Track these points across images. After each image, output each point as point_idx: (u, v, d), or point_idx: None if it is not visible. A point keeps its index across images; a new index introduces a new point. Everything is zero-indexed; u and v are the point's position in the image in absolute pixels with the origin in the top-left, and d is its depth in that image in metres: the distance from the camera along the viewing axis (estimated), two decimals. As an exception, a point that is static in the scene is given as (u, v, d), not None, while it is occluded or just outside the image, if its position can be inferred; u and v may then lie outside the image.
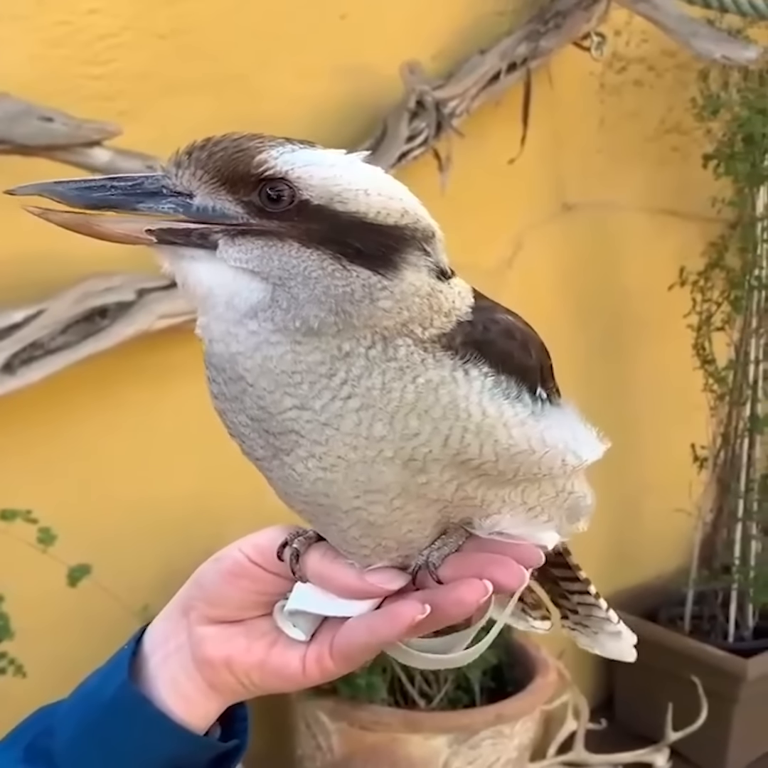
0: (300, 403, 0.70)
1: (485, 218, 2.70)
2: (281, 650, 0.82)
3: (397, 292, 0.70)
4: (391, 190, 0.71)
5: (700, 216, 3.09)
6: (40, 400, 2.06)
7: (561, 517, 0.81)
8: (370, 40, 2.46)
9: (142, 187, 0.70)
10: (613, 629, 0.93)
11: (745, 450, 3.03)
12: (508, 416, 0.72)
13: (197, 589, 0.85)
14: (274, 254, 0.69)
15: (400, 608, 0.75)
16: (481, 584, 0.74)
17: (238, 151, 0.69)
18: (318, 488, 0.73)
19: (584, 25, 2.68)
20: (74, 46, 2.08)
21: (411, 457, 0.71)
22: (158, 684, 0.85)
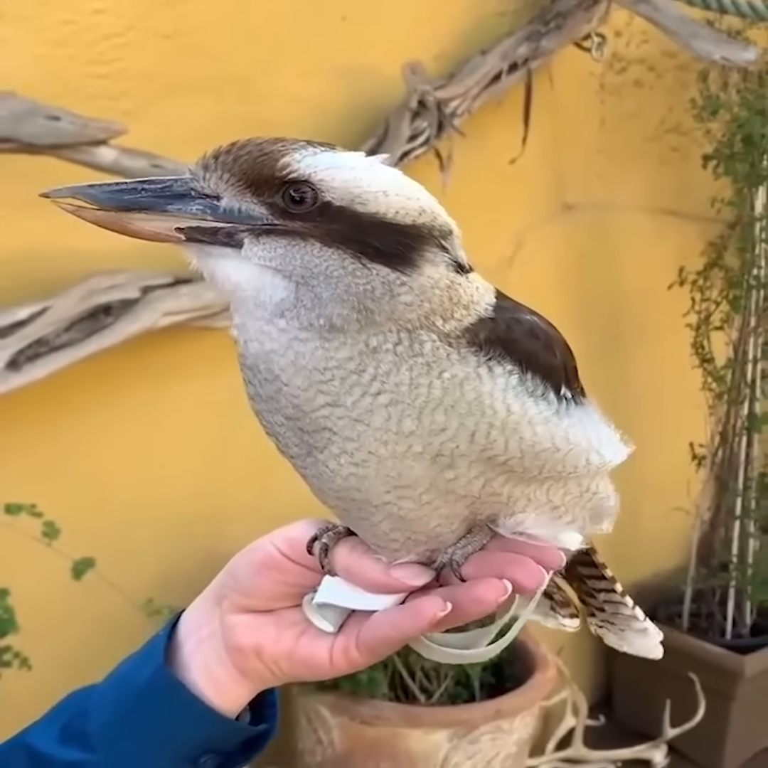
0: (332, 400, 0.72)
1: (486, 217, 2.71)
2: (309, 640, 0.85)
3: (416, 287, 0.72)
4: (408, 191, 0.73)
5: (700, 216, 3.10)
6: (45, 396, 2.07)
7: (585, 518, 0.82)
8: (372, 41, 2.48)
9: (171, 189, 0.73)
10: (639, 626, 0.95)
11: (743, 448, 3.04)
12: (533, 414, 0.74)
13: (230, 579, 0.88)
14: (297, 253, 0.72)
15: (423, 604, 0.78)
16: (501, 584, 0.76)
17: (262, 154, 0.72)
18: (350, 484, 0.75)
19: (585, 25, 2.69)
20: (79, 45, 2.09)
21: (439, 453, 0.73)
22: (191, 669, 0.88)
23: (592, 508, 0.83)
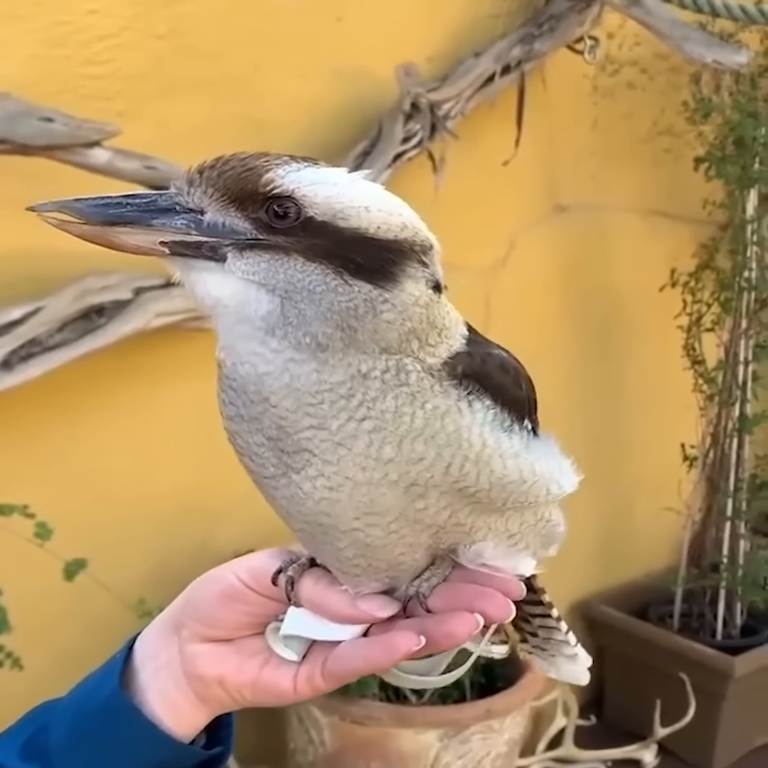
0: (318, 423, 0.73)
1: (479, 219, 2.72)
2: (273, 669, 0.86)
3: (399, 304, 0.73)
4: (390, 206, 0.74)
5: (691, 218, 3.11)
6: (38, 397, 2.07)
7: (536, 544, 0.84)
8: (366, 43, 2.48)
9: (155, 204, 0.73)
10: (570, 652, 0.96)
11: (734, 450, 3.04)
12: (505, 448, 0.76)
13: (190, 608, 0.88)
14: (280, 267, 0.72)
15: (396, 638, 0.78)
16: (473, 618, 0.77)
17: (246, 170, 0.72)
18: (321, 508, 0.75)
19: (578, 28, 2.70)
20: (74, 46, 2.09)
21: (414, 482, 0.74)
22: (148, 693, 0.88)
23: (545, 535, 0.85)
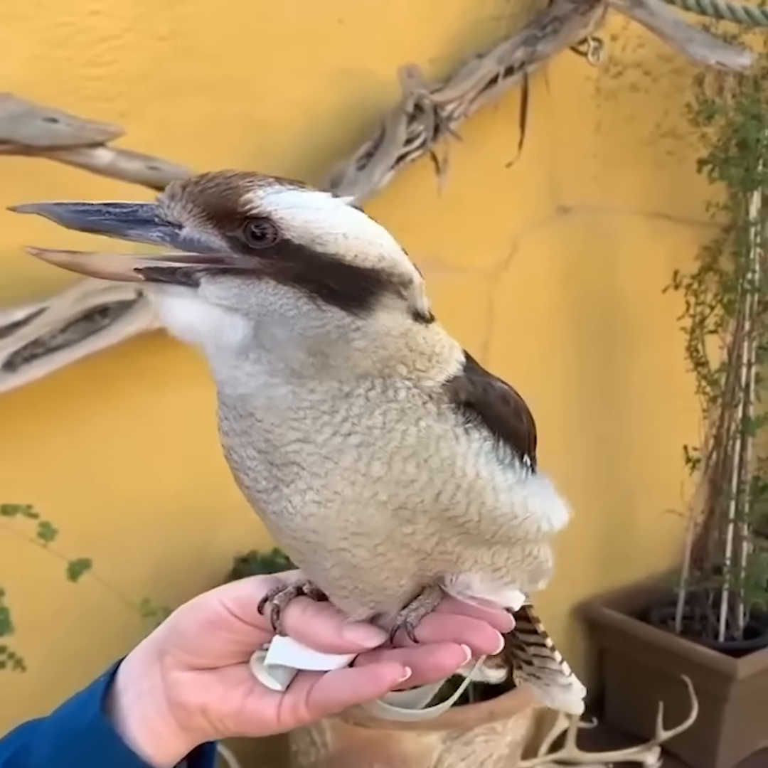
0: (303, 437, 0.73)
1: (482, 220, 2.72)
2: (257, 699, 0.85)
3: (371, 332, 0.72)
4: (370, 236, 0.73)
5: (694, 220, 3.11)
6: (41, 397, 2.07)
7: (524, 579, 0.84)
8: (368, 44, 2.48)
9: (135, 214, 0.73)
10: (564, 681, 0.96)
11: (737, 452, 3.04)
12: (498, 481, 0.76)
13: (175, 635, 0.87)
14: (251, 291, 0.72)
15: (382, 670, 0.78)
16: (460, 649, 0.77)
17: (227, 188, 0.72)
18: (309, 524, 0.75)
19: (581, 30, 2.70)
20: (75, 47, 2.09)
21: (403, 505, 0.73)
22: (130, 720, 0.87)
23: (532, 571, 0.84)
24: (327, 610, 0.82)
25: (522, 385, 0.86)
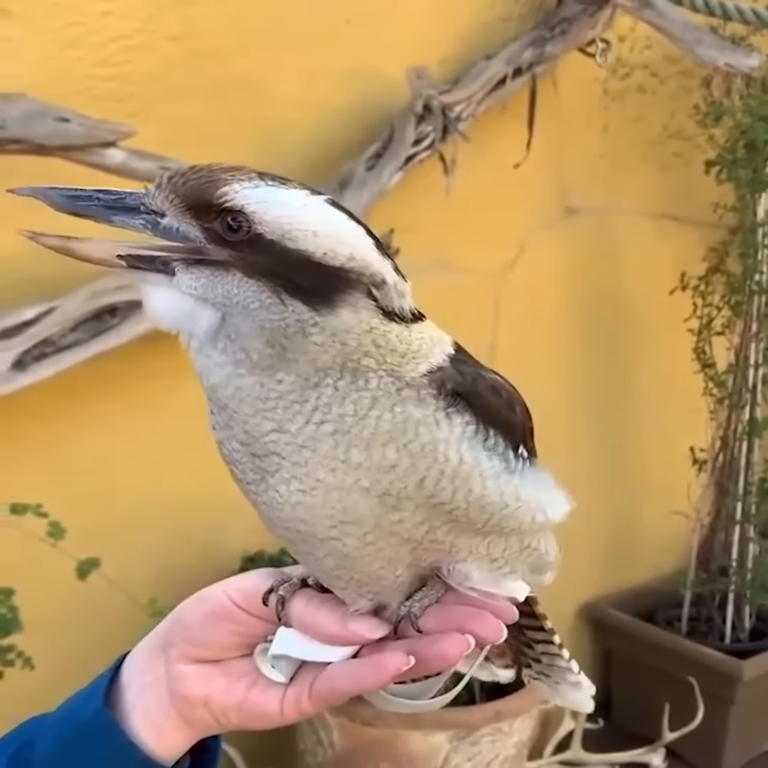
0: (278, 426, 0.74)
1: (489, 221, 2.73)
2: (260, 691, 0.85)
3: (329, 328, 0.73)
4: (341, 235, 0.74)
5: (701, 221, 3.11)
6: (51, 396, 2.08)
7: (523, 570, 0.84)
8: (377, 45, 2.49)
9: (123, 202, 0.76)
10: (573, 679, 0.96)
11: (743, 453, 3.04)
12: (485, 467, 0.75)
13: (179, 627, 0.87)
14: (218, 283, 0.74)
15: (386, 659, 0.78)
16: (464, 639, 0.77)
17: (207, 181, 0.74)
18: (297, 513, 0.76)
19: (589, 31, 2.70)
20: (86, 47, 2.10)
21: (386, 491, 0.74)
22: (133, 714, 0.87)
23: (531, 563, 0.84)
24: (331, 602, 0.82)
25: (528, 385, 0.86)
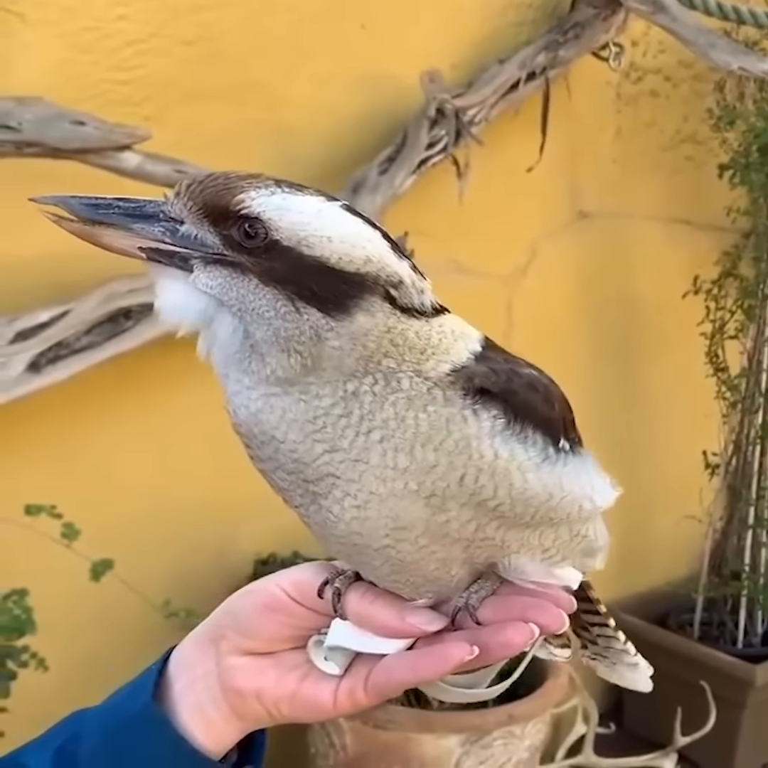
0: (330, 447, 0.74)
1: (502, 225, 2.73)
2: (313, 683, 0.85)
3: (345, 333, 0.72)
4: (356, 239, 0.73)
5: (714, 225, 3.11)
6: (65, 399, 2.09)
7: (575, 558, 0.84)
8: (391, 49, 2.50)
9: (142, 210, 0.76)
10: (631, 661, 0.96)
11: (756, 457, 3.04)
12: (522, 460, 0.75)
13: (230, 620, 0.87)
14: (234, 285, 0.74)
15: (449, 650, 0.78)
16: (528, 627, 0.77)
17: (224, 189, 0.74)
18: (352, 528, 0.76)
19: (603, 35, 2.70)
20: (102, 51, 2.11)
21: (432, 492, 0.74)
22: (182, 706, 0.87)
23: (582, 550, 0.84)
24: (388, 594, 0.81)
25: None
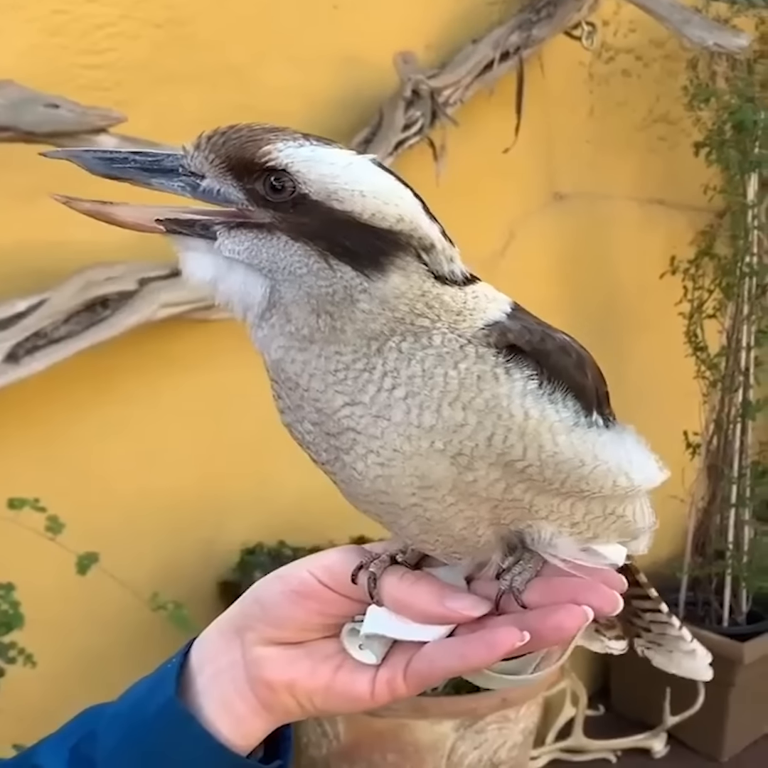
0: (350, 399, 0.71)
1: (479, 207, 2.71)
2: (348, 673, 0.81)
3: (378, 295, 0.70)
4: (389, 195, 0.70)
5: (688, 205, 3.11)
6: (45, 389, 2.05)
7: (609, 538, 0.79)
8: (363, 31, 2.47)
9: (160, 163, 0.72)
10: (687, 648, 0.93)
11: (737, 436, 3.04)
12: (553, 421, 0.72)
13: (257, 609, 0.83)
14: (263, 246, 0.71)
15: (498, 636, 0.74)
16: (581, 610, 0.73)
17: (249, 140, 0.71)
18: (378, 486, 0.73)
19: (575, 14, 2.70)
20: (72, 35, 2.07)
21: (459, 451, 0.71)
22: (206, 700, 0.83)
23: (618, 530, 0.79)
24: (426, 578, 0.78)
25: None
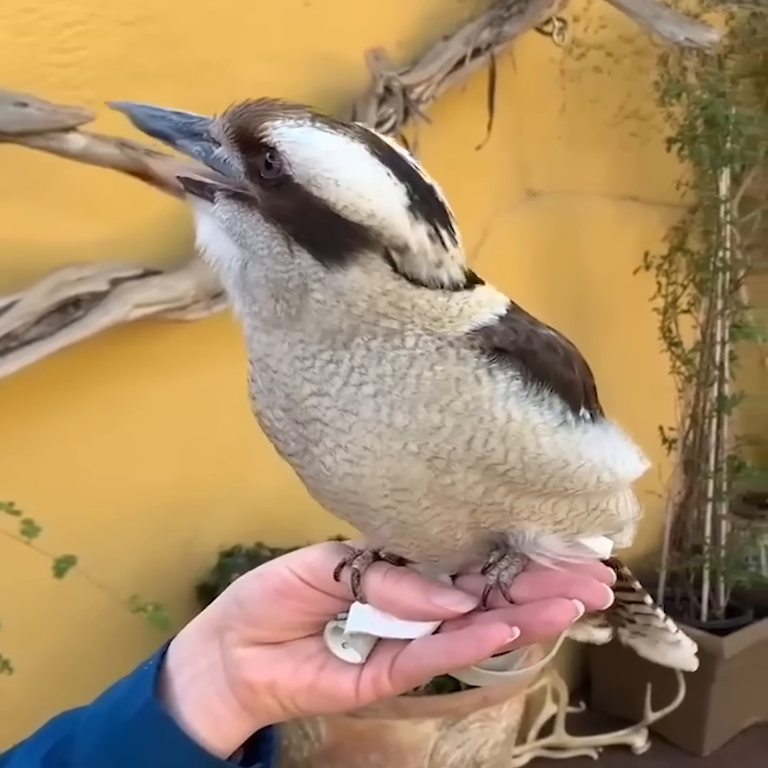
0: (317, 389, 0.69)
1: (453, 205, 2.69)
2: (332, 673, 0.79)
3: (334, 287, 0.68)
4: (364, 189, 0.68)
5: (661, 201, 3.12)
6: (18, 392, 2.02)
7: (593, 532, 0.78)
8: (335, 28, 2.46)
9: (190, 126, 0.74)
10: (672, 639, 0.92)
11: (713, 431, 3.04)
12: (536, 423, 0.70)
13: (235, 608, 0.81)
14: (239, 221, 0.71)
15: (488, 632, 0.72)
16: (572, 604, 0.72)
17: (257, 114, 0.71)
18: (347, 485, 0.71)
19: (546, 10, 2.69)
20: (41, 33, 2.05)
21: (435, 455, 0.68)
22: (184, 703, 0.81)
23: (602, 524, 0.78)
24: (411, 574, 0.77)
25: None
